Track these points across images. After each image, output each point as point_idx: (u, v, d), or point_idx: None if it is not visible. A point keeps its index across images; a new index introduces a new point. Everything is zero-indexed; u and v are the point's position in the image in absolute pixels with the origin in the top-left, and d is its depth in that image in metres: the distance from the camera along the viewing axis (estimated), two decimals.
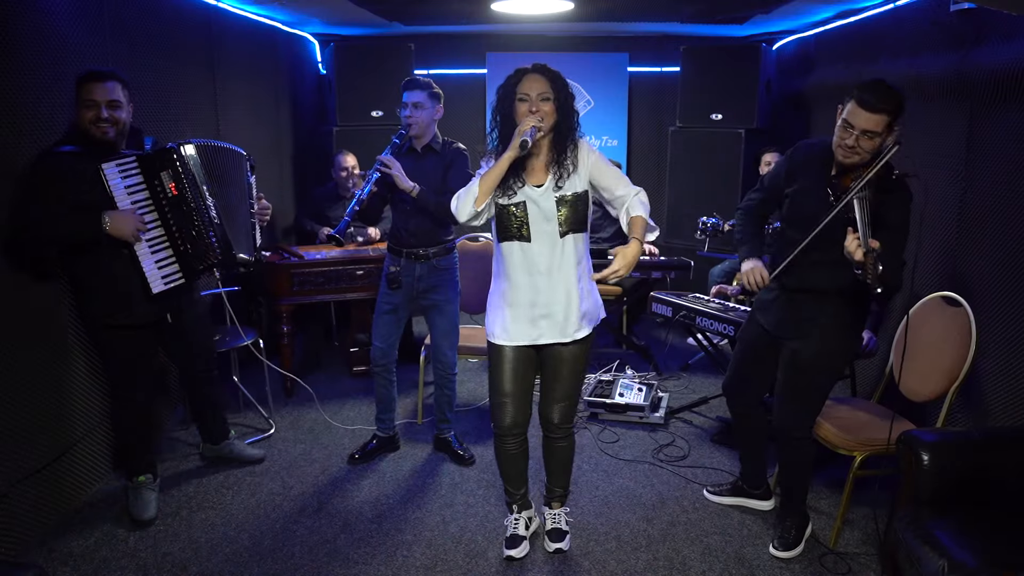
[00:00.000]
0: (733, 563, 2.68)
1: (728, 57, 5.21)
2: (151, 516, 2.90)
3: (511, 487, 2.78)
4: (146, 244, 2.72)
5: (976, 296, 2.87)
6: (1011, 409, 2.74)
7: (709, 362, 4.51)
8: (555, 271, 2.47)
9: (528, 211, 2.45)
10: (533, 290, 2.49)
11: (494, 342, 2.58)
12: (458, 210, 2.46)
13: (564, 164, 2.45)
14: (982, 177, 3.04)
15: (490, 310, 2.61)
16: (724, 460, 3.47)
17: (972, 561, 1.98)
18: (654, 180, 6.23)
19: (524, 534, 2.76)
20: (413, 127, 3.14)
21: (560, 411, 2.65)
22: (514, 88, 2.43)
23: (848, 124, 2.33)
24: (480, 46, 5.94)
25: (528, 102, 2.40)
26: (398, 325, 3.37)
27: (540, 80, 2.42)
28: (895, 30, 3.82)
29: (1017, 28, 2.79)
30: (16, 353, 2.63)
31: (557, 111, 2.42)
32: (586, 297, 2.54)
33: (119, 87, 2.66)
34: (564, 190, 2.44)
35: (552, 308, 2.49)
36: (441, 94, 3.20)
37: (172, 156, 2.78)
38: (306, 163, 5.61)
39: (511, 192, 2.46)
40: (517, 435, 2.66)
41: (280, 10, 4.62)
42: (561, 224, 2.44)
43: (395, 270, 3.25)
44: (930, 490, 2.27)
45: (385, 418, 3.47)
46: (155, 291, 2.75)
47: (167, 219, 2.77)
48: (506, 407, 2.60)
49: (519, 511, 2.79)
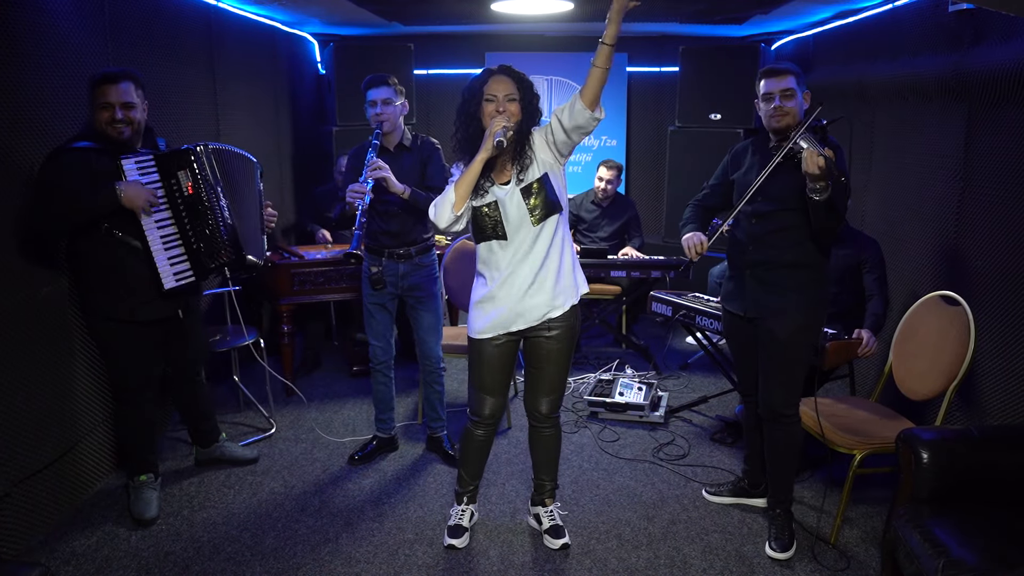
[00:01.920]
0: (733, 561, 2.70)
1: (727, 57, 5.24)
2: (153, 515, 2.91)
3: (467, 476, 2.84)
4: (160, 240, 2.75)
5: (975, 295, 2.88)
6: (1009, 407, 2.76)
7: (708, 361, 4.52)
8: (531, 259, 2.51)
9: (500, 210, 2.49)
10: (509, 282, 2.52)
11: (475, 337, 2.63)
12: (437, 217, 2.49)
13: (523, 158, 2.49)
14: (980, 177, 3.05)
15: (473, 308, 2.65)
16: (724, 459, 3.48)
17: (971, 558, 1.99)
18: (653, 180, 6.26)
19: (467, 525, 2.83)
20: (385, 124, 3.10)
21: (549, 402, 2.71)
22: (481, 89, 2.45)
23: (767, 95, 2.61)
24: (479, 46, 5.95)
25: (495, 102, 2.43)
26: (390, 321, 3.37)
27: (506, 81, 2.45)
28: (893, 30, 3.84)
29: (1015, 29, 2.81)
30: (19, 352, 2.63)
31: (522, 111, 2.46)
32: (566, 274, 2.57)
33: (133, 88, 2.69)
34: (526, 180, 2.48)
35: (528, 295, 2.53)
36: (403, 89, 3.18)
37: (189, 156, 2.81)
38: (305, 163, 5.61)
39: (483, 192, 2.50)
40: (490, 424, 2.74)
41: (280, 10, 4.62)
42: (534, 213, 2.48)
43: (377, 270, 3.22)
44: (929, 488, 2.28)
45: (384, 418, 3.48)
46: (167, 287, 2.77)
47: (181, 217, 2.80)
48: (486, 400, 2.69)
49: (467, 503, 2.85)
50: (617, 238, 5.09)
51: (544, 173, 2.49)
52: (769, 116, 2.62)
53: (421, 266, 3.27)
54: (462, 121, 2.51)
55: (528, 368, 2.71)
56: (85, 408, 3.03)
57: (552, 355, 2.62)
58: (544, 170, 2.50)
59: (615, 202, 5.08)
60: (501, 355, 2.63)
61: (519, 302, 2.53)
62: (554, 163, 2.52)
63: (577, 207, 5.13)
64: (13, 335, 2.61)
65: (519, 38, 6.03)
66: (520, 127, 2.45)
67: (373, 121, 3.11)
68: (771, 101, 2.59)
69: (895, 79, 3.73)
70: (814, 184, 2.37)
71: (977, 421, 2.94)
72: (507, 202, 2.48)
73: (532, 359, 2.67)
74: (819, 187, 2.37)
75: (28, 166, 2.67)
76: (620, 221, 5.07)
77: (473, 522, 2.89)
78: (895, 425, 2.78)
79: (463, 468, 2.84)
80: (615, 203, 5.08)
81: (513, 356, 2.68)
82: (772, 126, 2.62)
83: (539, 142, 2.51)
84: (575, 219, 5.13)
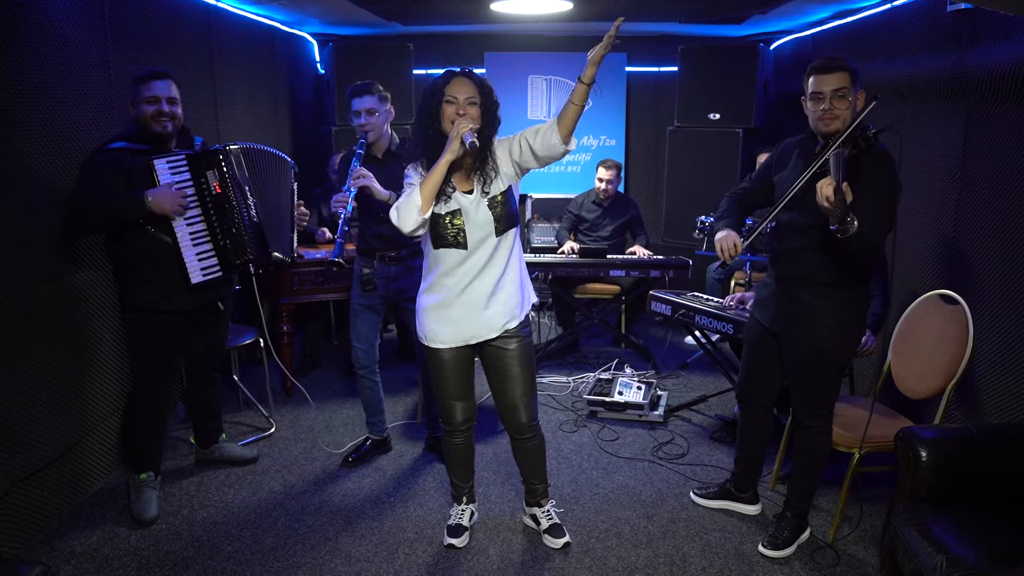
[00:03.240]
0: (733, 559, 2.70)
1: (726, 57, 5.24)
2: (153, 516, 2.91)
3: (459, 480, 2.84)
4: (189, 236, 2.85)
5: (973, 294, 2.89)
6: (1008, 406, 2.77)
7: (708, 361, 4.53)
8: (491, 270, 2.50)
9: (464, 219, 2.45)
10: (467, 292, 2.50)
11: (430, 346, 2.60)
12: (402, 221, 2.40)
13: (487, 168, 2.46)
14: (979, 176, 3.06)
15: (422, 313, 2.61)
16: (723, 458, 3.49)
17: (971, 556, 1.99)
18: (652, 180, 6.26)
19: (467, 525, 2.83)
20: (371, 134, 3.11)
21: (524, 410, 2.66)
22: (442, 89, 2.41)
23: (816, 94, 2.37)
24: (478, 46, 5.96)
25: (455, 104, 2.40)
26: (376, 325, 3.36)
27: (468, 84, 2.42)
28: (892, 30, 3.84)
29: (1013, 28, 2.81)
30: (19, 352, 2.63)
31: (482, 116, 2.42)
32: (523, 284, 2.60)
33: (174, 85, 2.85)
34: (492, 193, 2.46)
35: (487, 306, 2.52)
36: (388, 95, 3.18)
37: (219, 156, 2.90)
38: (305, 163, 5.59)
39: (445, 198, 2.46)
40: (465, 430, 2.74)
41: (279, 10, 4.63)
42: (498, 224, 2.46)
43: (368, 272, 3.23)
44: (928, 486, 2.28)
45: (376, 421, 3.47)
46: (194, 281, 2.86)
47: (210, 215, 2.89)
48: (455, 408, 2.68)
49: (466, 503, 2.86)
50: (619, 237, 5.09)
51: (508, 186, 2.49)
52: (817, 118, 2.38)
53: (412, 268, 3.27)
54: (421, 121, 2.46)
55: (493, 380, 2.67)
56: (85, 407, 3.03)
57: (515, 355, 2.59)
58: (508, 183, 2.49)
59: (616, 201, 5.09)
60: (460, 360, 2.62)
61: (479, 314, 2.52)
62: (514, 177, 2.51)
63: (579, 207, 5.13)
64: (13, 335, 2.61)
65: (518, 38, 6.03)
66: (481, 133, 2.41)
67: (358, 131, 3.11)
68: (820, 101, 2.35)
69: (894, 79, 3.73)
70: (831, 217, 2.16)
71: (976, 420, 2.94)
72: (472, 212, 2.45)
73: (495, 367, 2.63)
74: (835, 220, 2.14)
75: (28, 166, 2.67)
76: (622, 220, 5.08)
77: (473, 521, 2.89)
78: (894, 424, 2.79)
79: (451, 474, 2.85)
80: (616, 202, 5.09)
81: (471, 359, 2.66)
82: (820, 130, 2.40)
83: (502, 155, 2.48)
84: (577, 219, 5.13)
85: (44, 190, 2.75)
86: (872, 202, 2.28)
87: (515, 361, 2.60)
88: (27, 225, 2.67)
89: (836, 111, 2.34)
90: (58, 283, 2.86)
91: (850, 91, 2.34)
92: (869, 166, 2.34)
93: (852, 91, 2.34)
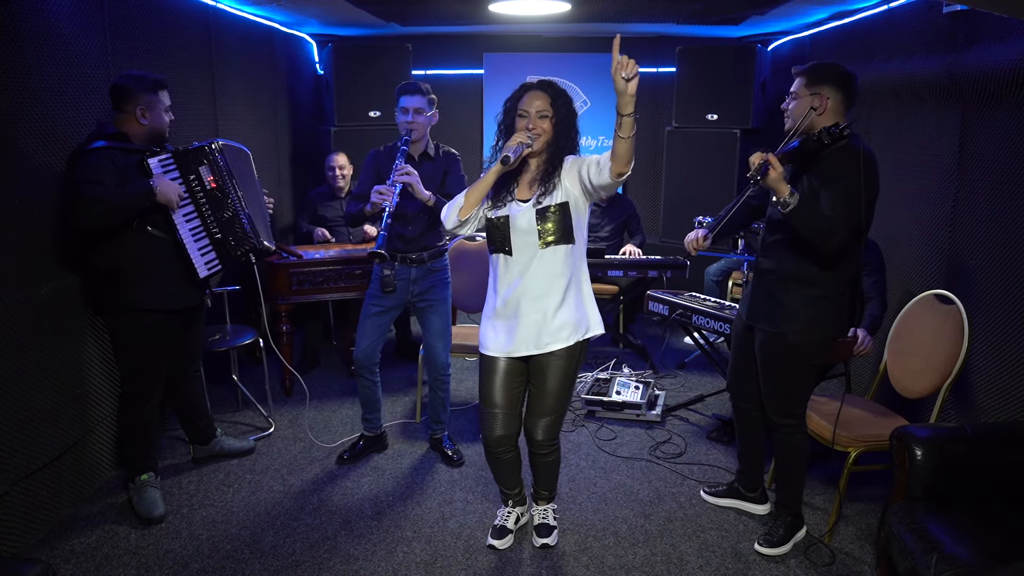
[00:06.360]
0: (729, 558, 2.71)
1: (724, 58, 5.25)
2: (161, 513, 2.92)
3: (506, 488, 2.84)
4: (189, 232, 2.90)
5: (969, 294, 2.91)
6: (1003, 405, 2.78)
7: (705, 360, 4.54)
8: (534, 284, 2.47)
9: (510, 225, 2.47)
10: (512, 302, 2.51)
11: (482, 352, 2.62)
12: (446, 218, 2.54)
13: (551, 180, 2.45)
14: (974, 176, 3.07)
15: (483, 320, 2.65)
16: (720, 457, 3.50)
17: (965, 555, 2.01)
18: (650, 180, 6.27)
19: (512, 528, 2.81)
20: (415, 133, 3.11)
21: (544, 428, 2.60)
22: (516, 104, 2.45)
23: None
24: (477, 47, 5.97)
25: (527, 119, 2.42)
26: (385, 327, 3.37)
27: (542, 97, 2.43)
28: (889, 31, 3.86)
29: (1009, 29, 2.83)
30: (19, 352, 2.64)
31: (554, 128, 2.43)
32: (570, 309, 2.50)
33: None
34: (544, 203, 2.44)
35: (527, 320, 2.49)
36: (435, 98, 3.19)
37: (206, 151, 2.96)
38: (304, 163, 5.62)
39: (500, 205, 2.50)
40: (506, 446, 2.66)
41: (278, 11, 4.63)
42: (543, 236, 2.44)
43: (389, 273, 3.23)
44: (923, 485, 2.30)
45: (371, 418, 3.48)
46: (201, 276, 2.92)
47: (203, 210, 2.94)
48: (496, 418, 2.60)
49: (513, 506, 2.85)
50: (617, 237, 5.11)
51: (566, 201, 2.44)
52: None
53: (433, 271, 3.28)
54: (500, 134, 2.53)
55: (530, 387, 2.63)
56: (85, 407, 3.04)
57: (550, 374, 2.52)
58: (567, 199, 2.44)
59: (615, 202, 5.10)
60: (507, 370, 2.57)
61: (522, 327, 2.48)
62: (579, 196, 2.45)
63: None
64: (13, 335, 2.62)
65: (517, 39, 6.04)
66: (552, 145, 2.42)
67: (403, 128, 3.11)
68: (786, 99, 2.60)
69: (890, 79, 3.75)
70: (752, 178, 2.41)
71: (971, 419, 2.95)
72: (517, 219, 2.45)
73: (533, 373, 2.59)
74: (752, 176, 2.40)
75: (27, 165, 2.68)
76: (620, 220, 5.09)
77: (520, 524, 2.86)
78: (890, 423, 2.80)
79: (497, 480, 2.84)
80: (615, 203, 5.10)
81: (520, 373, 2.60)
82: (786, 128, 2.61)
83: (571, 170, 2.45)
84: None
85: (44, 190, 2.76)
86: (833, 192, 2.40)
87: (550, 378, 2.53)
88: (27, 225, 2.68)
89: (788, 111, 2.58)
90: (58, 283, 2.86)
91: (802, 94, 2.51)
92: (834, 159, 2.43)
93: (808, 93, 2.49)
